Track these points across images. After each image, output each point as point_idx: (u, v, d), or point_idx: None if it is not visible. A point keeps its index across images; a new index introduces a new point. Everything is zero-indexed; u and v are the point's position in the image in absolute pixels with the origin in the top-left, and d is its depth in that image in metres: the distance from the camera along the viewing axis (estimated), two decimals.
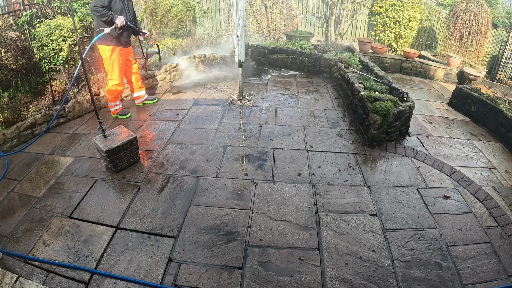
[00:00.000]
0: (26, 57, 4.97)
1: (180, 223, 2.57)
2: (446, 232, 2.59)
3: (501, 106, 4.44)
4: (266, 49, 6.81)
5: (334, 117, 4.39)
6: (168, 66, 5.66)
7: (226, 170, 3.21)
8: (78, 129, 4.08)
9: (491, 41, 7.99)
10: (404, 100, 3.98)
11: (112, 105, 4.27)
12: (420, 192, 3.02)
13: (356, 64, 5.62)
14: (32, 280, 2.09)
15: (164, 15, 7.40)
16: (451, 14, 7.55)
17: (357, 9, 8.26)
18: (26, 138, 3.83)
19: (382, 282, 2.14)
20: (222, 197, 2.85)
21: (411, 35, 8.12)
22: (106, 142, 3.06)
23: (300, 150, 3.58)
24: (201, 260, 2.26)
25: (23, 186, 3.05)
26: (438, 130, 4.36)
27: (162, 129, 3.99)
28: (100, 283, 2.10)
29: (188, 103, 4.77)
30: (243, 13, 4.22)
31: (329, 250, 2.36)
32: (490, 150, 3.96)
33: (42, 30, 4.85)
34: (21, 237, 2.47)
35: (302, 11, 8.48)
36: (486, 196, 3.03)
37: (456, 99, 5.32)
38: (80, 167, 3.29)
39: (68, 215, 2.67)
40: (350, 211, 2.74)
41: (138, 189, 2.95)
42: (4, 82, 4.80)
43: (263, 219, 2.62)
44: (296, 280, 2.13)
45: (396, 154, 3.63)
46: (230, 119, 4.25)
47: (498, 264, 2.34)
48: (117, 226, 2.55)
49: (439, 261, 2.33)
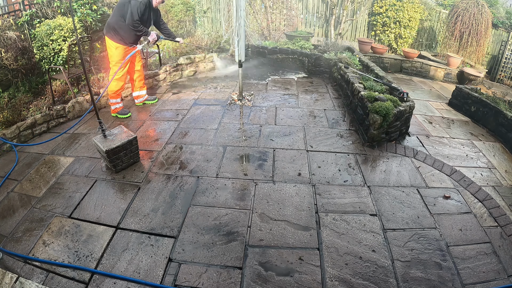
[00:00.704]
0: (26, 57, 4.97)
1: (180, 223, 2.57)
2: (446, 232, 2.59)
3: (501, 106, 4.44)
4: (266, 49, 6.81)
5: (334, 117, 4.39)
6: (168, 66, 5.66)
7: (226, 170, 3.21)
8: (78, 129, 4.08)
9: (491, 41, 8.00)
10: (404, 100, 3.98)
11: (112, 102, 4.27)
12: (420, 192, 3.02)
13: (356, 64, 5.62)
14: (32, 280, 2.09)
15: (164, 15, 7.40)
16: (451, 14, 7.55)
17: (357, 9, 8.26)
18: (26, 138, 3.83)
19: (382, 282, 2.14)
20: (222, 197, 2.85)
21: (411, 35, 8.12)
22: (106, 142, 3.06)
23: (300, 150, 3.58)
24: (201, 260, 2.26)
25: (23, 186, 3.05)
26: (438, 130, 4.36)
27: (162, 129, 4.00)
28: (100, 283, 2.10)
29: (188, 103, 4.77)
30: (243, 13, 4.22)
31: (329, 250, 2.36)
32: (490, 150, 3.96)
33: (42, 30, 4.85)
34: (21, 237, 2.47)
35: (302, 11, 8.48)
36: (486, 196, 3.03)
37: (456, 99, 5.32)
38: (80, 167, 3.29)
39: (68, 215, 2.67)
40: (350, 211, 2.74)
41: (138, 189, 2.95)
42: (4, 82, 4.80)
43: (263, 219, 2.62)
44: (296, 280, 2.13)
45: (396, 154, 3.63)
46: (230, 119, 4.25)
47: (498, 264, 2.34)
48: (117, 226, 2.55)
49: (439, 261, 2.33)
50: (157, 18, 4.31)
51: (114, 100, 4.27)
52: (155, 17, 4.26)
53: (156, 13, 4.25)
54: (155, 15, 4.24)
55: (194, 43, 6.58)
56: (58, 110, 4.13)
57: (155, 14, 4.22)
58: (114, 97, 4.24)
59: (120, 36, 3.95)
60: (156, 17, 4.29)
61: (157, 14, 4.30)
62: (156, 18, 4.28)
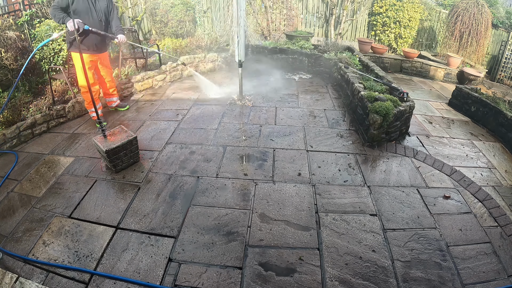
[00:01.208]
0: (26, 57, 4.97)
1: (180, 223, 2.57)
2: (446, 232, 2.59)
3: (501, 106, 4.44)
4: (266, 49, 6.80)
5: (334, 117, 4.39)
6: (168, 66, 5.66)
7: (226, 170, 3.21)
8: (78, 129, 4.08)
9: (491, 41, 7.99)
10: (404, 100, 3.98)
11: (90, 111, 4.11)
12: (420, 192, 3.02)
13: (356, 64, 5.62)
14: (32, 280, 2.09)
15: (164, 15, 7.40)
16: (451, 14, 7.55)
17: (357, 9, 8.26)
18: (26, 138, 3.82)
19: (382, 282, 2.14)
20: (222, 197, 2.85)
21: (411, 35, 8.12)
22: (106, 142, 3.06)
23: (300, 150, 3.58)
24: (201, 260, 2.26)
25: (23, 186, 3.05)
26: (438, 130, 4.36)
27: (162, 129, 3.99)
28: (100, 283, 2.10)
29: (188, 103, 4.77)
30: (243, 13, 4.22)
31: (329, 250, 2.36)
32: (490, 150, 3.96)
33: (42, 30, 4.85)
34: (21, 237, 2.47)
35: (302, 11, 8.48)
36: (486, 196, 3.03)
37: (456, 99, 5.32)
38: (80, 167, 3.29)
39: (68, 215, 2.67)
40: (350, 211, 2.74)
41: (138, 189, 2.95)
42: (4, 82, 4.79)
43: (263, 219, 2.62)
44: (296, 280, 2.13)
45: (396, 154, 3.63)
46: (230, 119, 4.25)
47: (498, 264, 2.34)
48: (117, 226, 2.55)
49: (439, 261, 2.33)
50: (108, 11, 3.72)
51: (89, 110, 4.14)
52: (105, 10, 3.67)
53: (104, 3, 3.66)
54: (105, 8, 3.67)
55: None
56: (58, 110, 4.13)
57: (103, 4, 3.63)
58: (88, 107, 4.13)
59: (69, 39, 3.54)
60: (107, 10, 3.71)
61: (108, 4, 3.71)
62: (107, 11, 3.70)
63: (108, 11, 3.75)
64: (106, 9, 3.71)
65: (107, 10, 3.73)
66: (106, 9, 3.70)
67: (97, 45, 3.73)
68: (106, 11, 3.71)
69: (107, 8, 3.73)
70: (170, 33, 7.51)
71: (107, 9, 3.72)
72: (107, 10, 3.72)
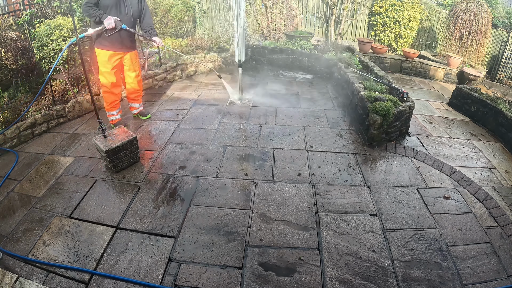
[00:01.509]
0: (26, 57, 4.97)
1: (180, 223, 2.57)
2: (446, 232, 2.59)
3: (501, 106, 4.44)
4: (266, 49, 6.80)
5: (334, 117, 4.39)
6: (168, 66, 5.66)
7: (226, 170, 3.21)
8: (78, 129, 4.08)
9: (491, 41, 8.00)
10: (404, 100, 3.98)
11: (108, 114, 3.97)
12: (420, 192, 3.03)
13: (356, 64, 5.62)
14: (32, 280, 2.09)
15: (164, 15, 7.40)
16: (451, 14, 7.55)
17: (357, 9, 8.26)
18: (26, 138, 3.83)
19: (382, 282, 2.14)
20: (222, 197, 2.85)
21: (411, 35, 8.11)
22: (106, 142, 3.06)
23: (300, 150, 3.58)
24: (201, 260, 2.26)
25: (23, 186, 3.05)
26: (438, 130, 4.36)
27: (162, 129, 3.99)
28: (100, 283, 2.10)
29: (188, 103, 4.77)
30: (243, 13, 4.22)
31: (329, 250, 2.36)
32: (490, 150, 3.96)
33: (42, 30, 4.85)
34: (21, 237, 2.47)
35: (302, 11, 8.47)
36: (486, 196, 3.03)
37: (456, 99, 5.32)
38: (80, 167, 3.29)
39: (68, 215, 2.67)
40: (350, 211, 2.74)
41: (138, 189, 2.95)
42: (4, 82, 4.80)
43: (263, 219, 2.62)
44: (296, 280, 2.13)
45: (396, 154, 3.63)
46: (230, 119, 4.25)
47: (498, 264, 2.34)
48: (117, 226, 2.55)
49: (439, 261, 2.33)
50: (139, 8, 3.61)
51: (109, 112, 3.99)
52: (136, 6, 3.56)
53: (137, 2, 3.57)
54: (136, 4, 3.55)
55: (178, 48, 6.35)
56: (58, 110, 4.13)
57: (134, 2, 3.53)
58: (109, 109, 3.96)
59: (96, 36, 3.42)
60: (138, 6, 3.60)
61: (140, 3, 3.61)
62: (137, 7, 3.59)
63: (139, 8, 3.62)
64: (137, 5, 3.58)
65: (138, 7, 3.60)
66: (136, 5, 3.57)
67: (123, 42, 3.55)
68: (137, 8, 3.59)
69: (138, 5, 3.60)
70: (170, 33, 7.51)
71: (137, 5, 3.59)
72: (137, 7, 3.59)
